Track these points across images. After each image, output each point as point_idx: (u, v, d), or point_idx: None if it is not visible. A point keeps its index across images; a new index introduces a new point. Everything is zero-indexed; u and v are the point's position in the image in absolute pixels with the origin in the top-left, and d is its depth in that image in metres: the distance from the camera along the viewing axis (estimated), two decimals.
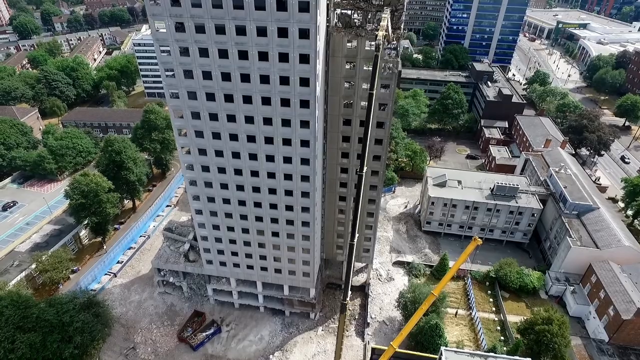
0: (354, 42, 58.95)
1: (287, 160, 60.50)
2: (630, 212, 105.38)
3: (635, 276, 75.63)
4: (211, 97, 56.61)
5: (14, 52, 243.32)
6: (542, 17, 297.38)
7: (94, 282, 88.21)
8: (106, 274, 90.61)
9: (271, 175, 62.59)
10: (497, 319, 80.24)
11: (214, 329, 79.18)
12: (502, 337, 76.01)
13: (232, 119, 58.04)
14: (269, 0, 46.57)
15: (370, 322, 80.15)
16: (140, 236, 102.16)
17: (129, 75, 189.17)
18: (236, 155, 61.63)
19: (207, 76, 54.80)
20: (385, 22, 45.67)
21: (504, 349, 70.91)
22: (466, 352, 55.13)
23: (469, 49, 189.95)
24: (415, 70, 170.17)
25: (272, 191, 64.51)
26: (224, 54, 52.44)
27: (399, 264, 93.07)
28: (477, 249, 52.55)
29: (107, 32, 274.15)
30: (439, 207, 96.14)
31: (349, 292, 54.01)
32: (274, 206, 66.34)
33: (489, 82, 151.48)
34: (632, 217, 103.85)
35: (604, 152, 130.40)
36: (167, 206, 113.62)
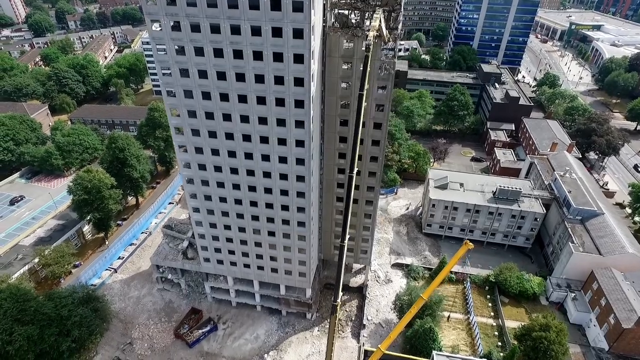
0: (352, 42, 58.64)
1: (283, 160, 60.56)
2: (637, 219, 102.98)
3: (638, 284, 73.85)
4: (207, 96, 56.94)
5: (28, 50, 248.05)
6: (555, 18, 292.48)
7: (94, 277, 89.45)
8: (107, 270, 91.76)
9: (267, 174, 62.72)
10: (496, 324, 79.09)
11: (210, 326, 79.60)
12: (499, 343, 74.92)
13: (227, 117, 58.29)
14: None
15: (366, 324, 79.71)
16: (141, 233, 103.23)
17: (137, 73, 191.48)
18: (232, 154, 61.90)
19: (202, 75, 55.11)
20: (376, 22, 45.29)
21: (500, 354, 69.96)
22: (458, 357, 54.50)
23: (477, 50, 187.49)
24: (422, 71, 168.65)
25: (268, 190, 64.63)
26: (219, 53, 52.69)
27: (398, 266, 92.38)
28: (469, 253, 51.93)
29: (118, 31, 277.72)
30: (440, 210, 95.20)
31: (340, 294, 53.68)
32: (269, 205, 66.46)
33: (496, 84, 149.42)
34: None
35: (607, 156, 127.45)
36: (170, 203, 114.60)
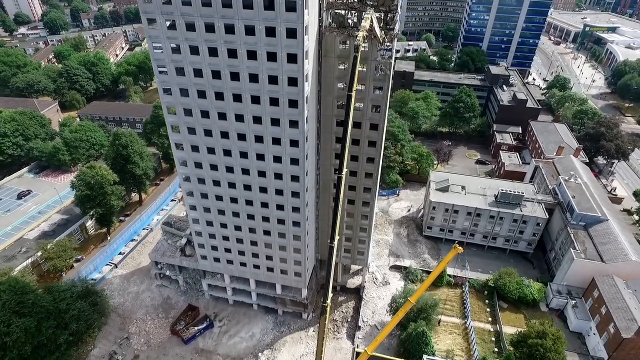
0: (348, 42, 58.34)
1: (277, 159, 60.61)
2: None
3: None
4: (202, 95, 57.29)
5: (43, 47, 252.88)
6: (569, 20, 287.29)
7: (95, 272, 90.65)
8: (107, 265, 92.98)
9: (262, 173, 62.84)
10: (493, 329, 77.97)
11: (206, 323, 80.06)
12: (496, 349, 73.81)
13: (222, 116, 58.55)
14: None
15: (361, 325, 79.28)
16: (143, 229, 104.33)
17: (146, 71, 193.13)
18: (227, 152, 62.18)
19: (197, 74, 55.48)
20: (366, 22, 44.91)
21: None
22: None
23: (487, 52, 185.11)
24: (428, 72, 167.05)
25: (263, 190, 64.74)
26: (213, 52, 52.98)
27: (397, 268, 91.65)
28: (458, 257, 51.28)
29: (130, 29, 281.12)
30: (440, 212, 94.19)
31: (330, 294, 53.50)
32: (265, 205, 66.56)
33: (504, 86, 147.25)
34: None
35: (616, 161, 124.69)
36: (172, 200, 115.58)
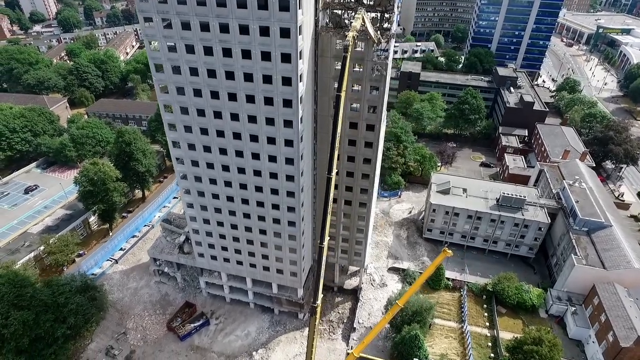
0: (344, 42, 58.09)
1: (272, 159, 60.62)
2: None
3: None
4: (198, 93, 57.56)
5: (56, 45, 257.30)
6: (583, 22, 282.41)
7: (95, 267, 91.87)
8: (108, 260, 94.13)
9: (257, 173, 62.90)
10: (490, 334, 76.96)
11: (203, 321, 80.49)
12: (492, 354, 72.87)
13: (218, 115, 58.77)
14: None
15: (357, 327, 78.90)
16: (144, 225, 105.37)
17: None
18: (223, 151, 62.37)
19: (193, 72, 55.75)
20: (357, 22, 44.61)
21: None
22: None
23: (495, 53, 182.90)
24: (435, 73, 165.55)
25: (259, 189, 64.83)
26: (209, 51, 53.17)
27: (395, 270, 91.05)
28: (447, 261, 50.61)
29: None
30: (441, 215, 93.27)
31: (320, 295, 53.34)
32: (260, 204, 66.64)
33: (511, 88, 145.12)
34: None
35: (625, 166, 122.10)
36: (174, 198, 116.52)
